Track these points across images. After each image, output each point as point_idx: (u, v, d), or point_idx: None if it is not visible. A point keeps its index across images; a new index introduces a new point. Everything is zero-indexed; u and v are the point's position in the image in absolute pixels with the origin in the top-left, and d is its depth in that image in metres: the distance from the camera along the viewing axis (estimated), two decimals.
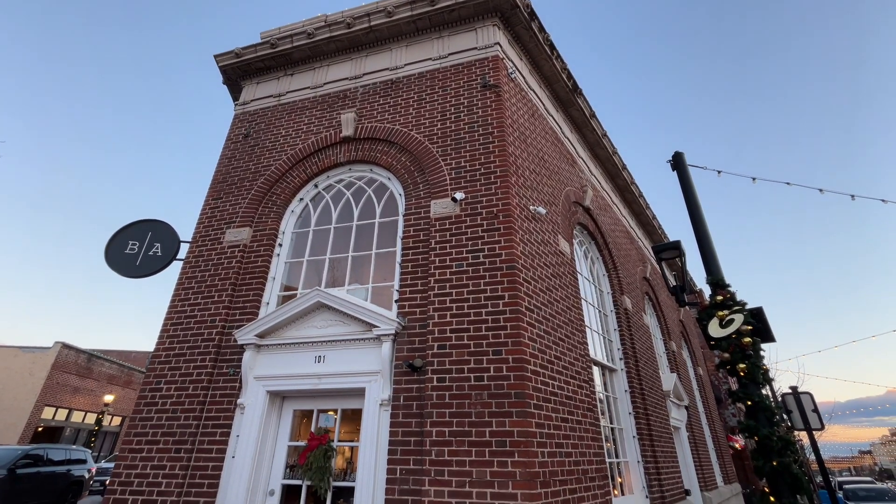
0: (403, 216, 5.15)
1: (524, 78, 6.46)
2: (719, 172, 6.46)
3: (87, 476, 14.09)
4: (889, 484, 25.27)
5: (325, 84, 6.63)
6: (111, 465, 16.34)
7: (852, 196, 7.04)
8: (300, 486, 4.29)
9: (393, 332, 4.34)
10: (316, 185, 6.00)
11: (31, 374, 23.86)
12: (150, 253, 5.92)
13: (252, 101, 7.03)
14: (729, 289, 5.39)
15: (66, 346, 25.22)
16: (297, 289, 5.40)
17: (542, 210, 5.18)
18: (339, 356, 4.50)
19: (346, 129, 5.96)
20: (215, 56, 7.23)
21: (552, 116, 7.17)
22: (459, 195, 4.77)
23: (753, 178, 6.61)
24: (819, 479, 16.98)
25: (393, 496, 3.70)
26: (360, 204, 5.67)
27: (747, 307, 5.23)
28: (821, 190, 6.91)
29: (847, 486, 17.63)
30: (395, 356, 4.30)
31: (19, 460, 11.82)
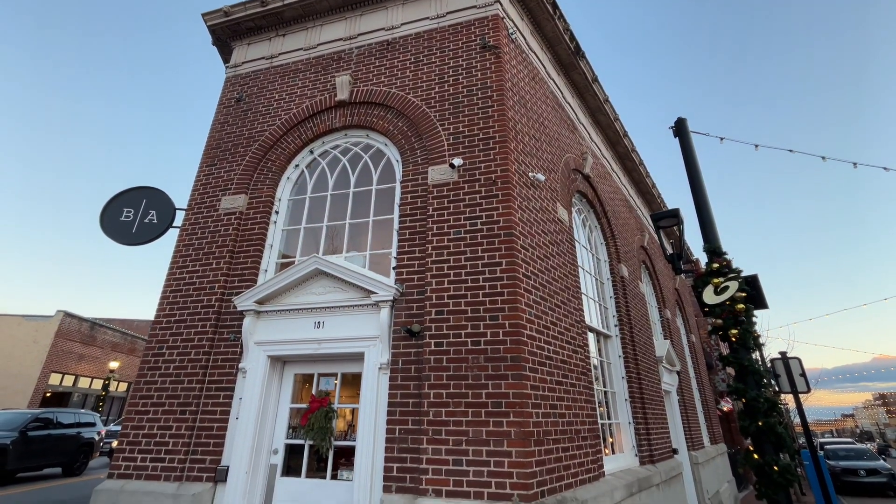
0: (401, 183, 5.09)
1: (525, 39, 6.23)
2: (721, 139, 6.36)
3: (96, 438, 14.56)
4: (868, 444, 26.40)
5: (318, 45, 6.39)
6: (119, 427, 16.85)
7: (854, 164, 6.97)
8: (303, 446, 4.44)
9: (391, 298, 4.38)
10: (311, 152, 5.89)
11: (36, 342, 24.23)
12: (146, 220, 5.88)
13: (243, 63, 6.79)
14: (725, 257, 5.42)
15: (67, 314, 25.49)
16: (294, 257, 5.41)
17: (541, 177, 5.12)
18: (339, 322, 4.56)
19: (340, 93, 5.79)
20: (203, 15, 6.93)
21: (553, 80, 6.97)
22: (458, 161, 4.70)
23: (756, 145, 6.51)
24: (802, 440, 17.68)
25: (392, 454, 3.85)
26: (357, 170, 5.59)
27: (742, 274, 5.28)
28: (823, 158, 6.84)
29: (828, 447, 18.40)
30: (393, 322, 4.36)
31: (30, 423, 12.18)
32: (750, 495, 13.32)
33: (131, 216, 5.84)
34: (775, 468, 4.41)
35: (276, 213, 5.61)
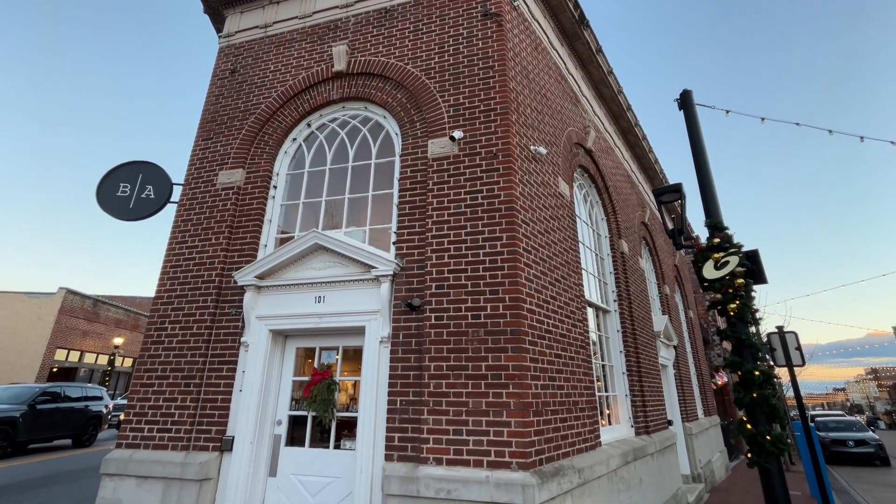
0: (400, 157, 5.01)
1: (527, 7, 6.02)
2: (727, 112, 6.24)
3: (104, 411, 14.89)
4: (858, 417, 27.07)
5: (314, 13, 6.18)
6: (126, 401, 17.23)
7: (861, 138, 6.86)
8: (306, 417, 4.54)
9: (391, 272, 4.38)
10: (309, 125, 5.78)
11: (40, 319, 24.47)
12: (143, 195, 5.82)
13: (237, 32, 6.58)
14: (726, 232, 5.39)
15: (70, 291, 25.64)
16: (294, 233, 5.38)
17: (542, 150, 5.04)
18: (339, 296, 4.58)
19: (338, 64, 5.64)
20: None
21: (556, 51, 6.78)
22: (458, 134, 4.62)
23: (762, 118, 6.39)
24: (793, 412, 18.12)
25: (394, 424, 3.93)
26: (356, 144, 5.50)
27: (743, 250, 5.27)
28: (830, 131, 6.72)
29: (819, 419, 18.85)
30: (393, 296, 4.38)
31: (38, 397, 12.43)
32: (741, 464, 13.73)
33: (128, 191, 5.78)
34: (768, 438, 4.51)
35: (275, 187, 5.55)
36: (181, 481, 4.20)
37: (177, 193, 5.84)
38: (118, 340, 27.32)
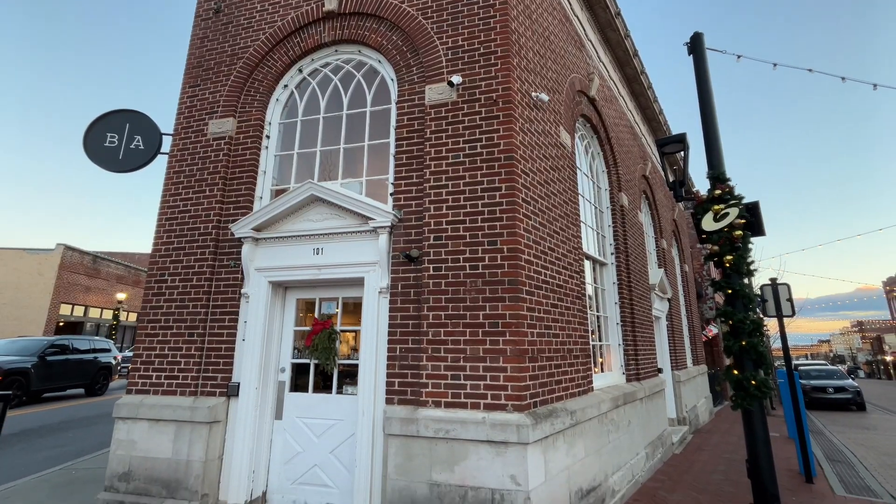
0: (396, 104, 4.83)
1: None
2: (738, 57, 5.96)
3: (114, 362, 15.36)
4: (839, 366, 28.23)
5: None
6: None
7: (874, 85, 6.62)
8: (308, 365, 4.68)
9: (389, 224, 4.35)
10: (300, 70, 5.52)
11: (41, 275, 24.63)
12: (132, 146, 5.66)
13: None
14: (728, 183, 5.33)
15: (68, 247, 25.64)
16: (289, 185, 5.28)
17: (544, 97, 4.86)
18: (337, 248, 4.57)
19: (329, 3, 5.29)
20: None
21: None
22: (456, 79, 4.42)
23: (774, 64, 6.12)
24: (778, 363, 18.85)
25: (394, 370, 4.06)
26: (350, 91, 5.28)
27: (744, 201, 5.23)
28: (843, 78, 6.47)
29: (802, 368, 19.65)
30: (391, 247, 4.38)
31: (47, 349, 12.76)
32: (724, 409, 14.46)
33: (116, 141, 5.60)
34: (753, 382, 4.70)
35: (268, 137, 5.38)
36: (191, 423, 4.39)
37: (167, 144, 5.68)
38: (121, 296, 27.68)
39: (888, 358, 64.17)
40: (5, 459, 6.44)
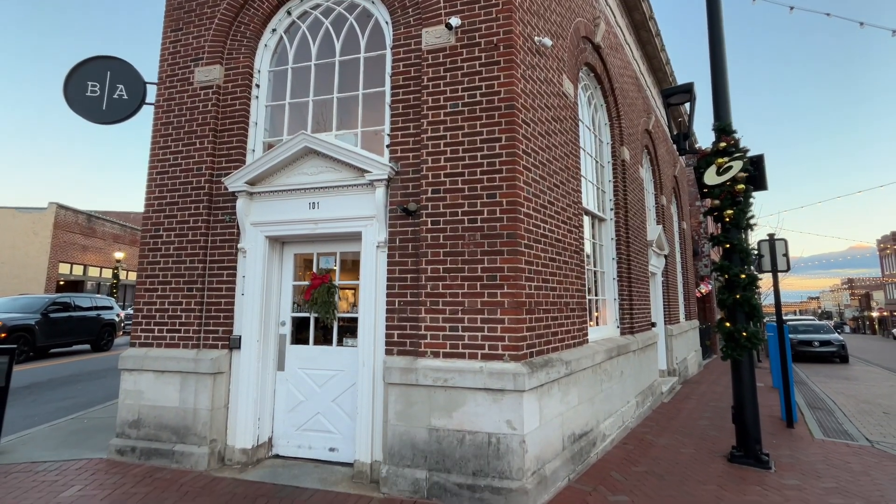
0: (392, 49, 4.58)
1: None
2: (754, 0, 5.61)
3: (117, 319, 15.58)
4: (826, 322, 29.05)
5: None
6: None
7: (893, 32, 6.30)
8: (308, 319, 4.73)
9: (386, 177, 4.25)
10: (289, 13, 5.19)
11: (36, 234, 24.47)
12: (115, 96, 5.41)
13: None
14: (734, 136, 5.19)
15: (61, 206, 25.31)
16: (282, 136, 5.11)
17: (547, 42, 4.61)
18: (334, 202, 4.50)
19: None
20: None
21: None
22: (455, 21, 4.16)
23: (791, 7, 5.78)
24: (766, 318, 19.37)
25: (393, 323, 4.12)
26: (342, 35, 4.99)
27: (748, 154, 5.12)
28: (861, 23, 6.15)
29: (790, 322, 20.19)
30: (389, 201, 4.30)
31: (49, 306, 12.89)
32: (713, 362, 14.96)
33: (98, 91, 5.35)
34: (744, 333, 4.82)
35: (257, 86, 5.14)
36: (196, 374, 4.50)
37: (151, 94, 5.43)
38: (119, 255, 27.69)
39: (874, 314, 65.91)
40: (18, 410, 6.66)
